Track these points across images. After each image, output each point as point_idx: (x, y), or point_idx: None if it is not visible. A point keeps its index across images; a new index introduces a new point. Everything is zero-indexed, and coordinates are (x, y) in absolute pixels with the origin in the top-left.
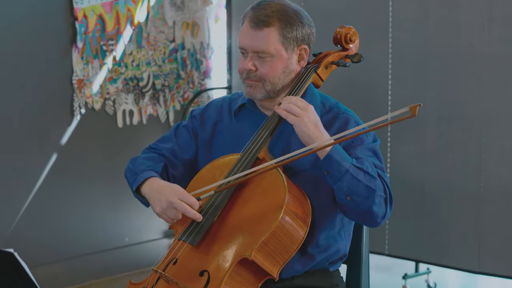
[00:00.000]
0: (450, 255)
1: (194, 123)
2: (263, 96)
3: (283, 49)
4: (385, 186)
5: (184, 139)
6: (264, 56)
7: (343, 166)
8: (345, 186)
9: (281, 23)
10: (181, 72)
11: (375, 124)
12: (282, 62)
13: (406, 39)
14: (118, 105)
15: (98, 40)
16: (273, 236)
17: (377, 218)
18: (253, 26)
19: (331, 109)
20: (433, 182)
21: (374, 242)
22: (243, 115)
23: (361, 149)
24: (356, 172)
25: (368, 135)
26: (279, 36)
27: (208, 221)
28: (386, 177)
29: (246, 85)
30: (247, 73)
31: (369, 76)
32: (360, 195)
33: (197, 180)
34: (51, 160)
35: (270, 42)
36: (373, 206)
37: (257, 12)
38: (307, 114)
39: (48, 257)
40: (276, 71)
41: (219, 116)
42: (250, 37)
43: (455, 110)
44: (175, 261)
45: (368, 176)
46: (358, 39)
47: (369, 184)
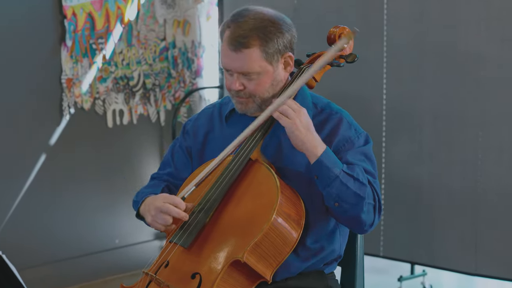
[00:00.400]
0: (446, 256)
1: (187, 139)
2: (255, 110)
3: (268, 64)
4: (374, 194)
5: (181, 161)
6: (251, 75)
7: (333, 172)
8: (334, 192)
9: (261, 41)
10: (172, 71)
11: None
12: (269, 76)
13: (401, 38)
14: (108, 105)
15: (87, 39)
16: (266, 237)
17: (365, 226)
18: (232, 49)
19: (323, 109)
20: (429, 182)
21: (369, 243)
22: (233, 120)
23: (352, 153)
24: (346, 179)
25: (360, 137)
26: (261, 53)
27: (200, 223)
28: (376, 183)
29: (236, 101)
30: (236, 92)
31: (363, 76)
32: (349, 202)
33: (189, 183)
34: (39, 161)
35: (253, 62)
36: (361, 213)
37: (234, 32)
38: (300, 117)
39: (37, 260)
40: (264, 86)
41: (210, 125)
42: (232, 60)
43: (452, 110)
44: (166, 263)
45: (358, 183)
46: (353, 39)
47: (358, 192)
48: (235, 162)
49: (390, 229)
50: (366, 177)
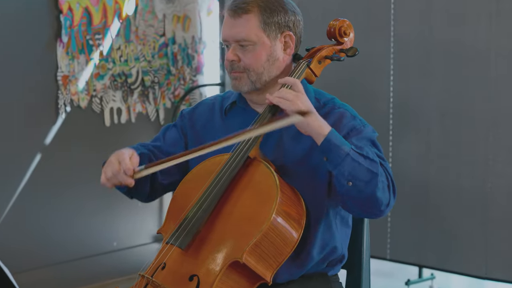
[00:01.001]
0: (455, 259)
1: (184, 121)
2: (249, 87)
3: (265, 36)
4: (386, 173)
5: (172, 137)
6: (246, 45)
7: (343, 149)
8: (346, 170)
9: (261, 9)
10: (171, 68)
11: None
12: (265, 49)
13: (409, 32)
14: (105, 103)
15: (84, 34)
16: (265, 237)
17: (381, 206)
18: (232, 15)
19: (326, 104)
20: (438, 183)
21: (376, 246)
22: (233, 113)
23: (358, 139)
24: (356, 156)
25: (366, 126)
26: (259, 22)
27: (197, 223)
28: (387, 165)
29: (232, 77)
30: (231, 64)
31: (370, 72)
32: (362, 179)
33: (186, 182)
34: (34, 161)
35: (250, 29)
36: (376, 190)
37: (236, 0)
38: (300, 98)
39: (32, 263)
40: (259, 60)
41: (209, 116)
42: (229, 26)
43: (461, 108)
44: (163, 265)
45: (369, 160)
46: (353, 32)
47: (370, 168)
48: (233, 160)
49: (397, 231)
50: (375, 156)
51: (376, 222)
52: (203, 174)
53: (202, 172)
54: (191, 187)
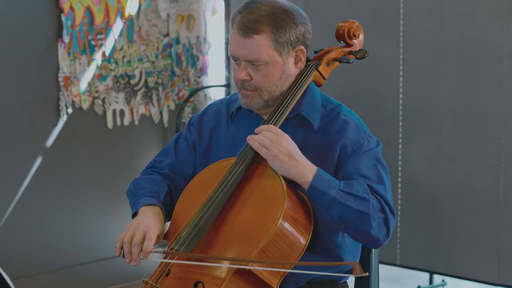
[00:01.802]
0: (467, 265)
1: (193, 132)
2: (261, 106)
3: (277, 55)
4: (382, 204)
5: (184, 152)
6: (258, 64)
7: (329, 195)
8: (335, 215)
9: (272, 28)
10: (175, 68)
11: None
12: (277, 68)
13: (419, 32)
14: (108, 105)
15: (86, 34)
16: (272, 243)
17: (379, 241)
18: (242, 34)
19: (332, 111)
20: (448, 186)
21: (385, 251)
22: (239, 119)
23: (362, 158)
24: (344, 199)
25: (370, 140)
26: (271, 42)
27: (202, 229)
28: (386, 190)
29: (242, 95)
30: (242, 82)
31: (378, 74)
32: (354, 221)
33: (192, 187)
34: (35, 164)
35: (262, 50)
36: (370, 230)
37: (245, 17)
38: (278, 146)
39: (32, 269)
40: (272, 79)
41: (216, 122)
42: (240, 46)
43: (472, 109)
44: (167, 272)
45: (359, 200)
46: (363, 33)
47: (361, 209)
48: (240, 165)
49: (407, 236)
50: (367, 190)
51: None
52: (209, 179)
53: (208, 177)
54: (196, 192)
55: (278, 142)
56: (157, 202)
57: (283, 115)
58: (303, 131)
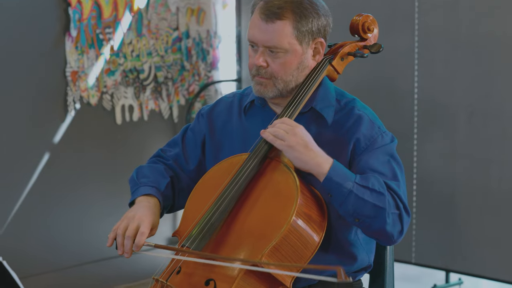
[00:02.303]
0: (484, 263)
1: (202, 124)
2: (275, 94)
3: (297, 44)
4: (397, 201)
5: (190, 145)
6: (277, 51)
7: (345, 187)
8: (350, 209)
9: (295, 15)
10: (185, 63)
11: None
12: (296, 57)
13: (434, 26)
14: (116, 100)
15: (94, 28)
16: (285, 240)
17: (393, 237)
18: (264, 19)
19: (346, 105)
20: (465, 183)
21: (400, 249)
22: (252, 113)
23: (375, 154)
24: (361, 192)
25: (385, 135)
26: (293, 30)
27: (214, 225)
28: (400, 187)
29: (256, 82)
30: (257, 69)
31: (393, 68)
32: (369, 216)
33: (203, 183)
34: (42, 160)
35: (283, 36)
36: (385, 226)
37: (269, 2)
38: (294, 136)
39: (40, 267)
40: (289, 68)
41: (228, 115)
42: (261, 31)
43: (489, 105)
44: (178, 269)
45: (375, 194)
46: (377, 27)
47: (377, 203)
48: (252, 160)
49: (423, 233)
50: (383, 185)
51: None
52: (221, 174)
53: (220, 172)
54: (208, 188)
55: (294, 132)
56: (155, 192)
57: (296, 109)
58: (316, 126)
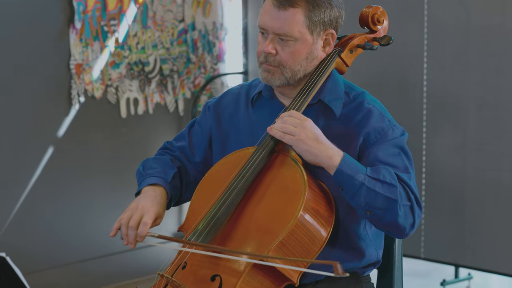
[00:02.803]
0: (494, 258)
1: (208, 117)
2: (282, 83)
3: (308, 33)
4: (408, 193)
5: (197, 138)
6: (287, 40)
7: (357, 179)
8: (362, 201)
9: (308, 4)
10: (191, 55)
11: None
12: (306, 47)
13: (444, 17)
14: (121, 93)
15: (98, 20)
16: (292, 235)
17: (405, 230)
18: (277, 5)
19: (355, 98)
20: (475, 177)
21: (409, 244)
22: (260, 104)
23: (386, 147)
24: (372, 184)
25: (395, 128)
26: (305, 18)
27: (220, 220)
28: (412, 180)
29: (263, 69)
30: (266, 56)
31: (402, 60)
32: (381, 208)
33: (210, 177)
34: (46, 154)
35: (294, 24)
36: (397, 218)
37: None
38: (303, 130)
39: (44, 263)
40: (298, 57)
41: (235, 107)
42: (272, 17)
43: (500, 97)
44: (184, 265)
45: (386, 186)
46: (387, 19)
47: (388, 195)
48: (259, 154)
49: (432, 228)
50: (395, 177)
51: None
52: (227, 168)
53: (226, 166)
54: (214, 182)
55: (303, 125)
56: (162, 182)
57: (305, 102)
58: (324, 118)
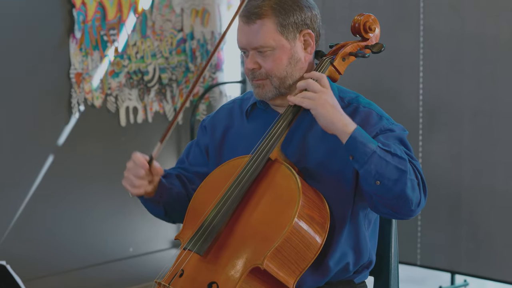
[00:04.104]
0: (490, 265)
1: (205, 135)
2: (274, 94)
3: (283, 38)
4: (415, 171)
5: (196, 157)
6: (265, 50)
7: (369, 147)
8: (373, 169)
9: (275, 11)
10: (190, 64)
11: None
12: (285, 52)
13: (440, 26)
14: (120, 102)
15: (98, 30)
16: (287, 242)
17: (412, 205)
18: (246, 22)
19: (351, 103)
20: (471, 185)
21: (405, 251)
22: (254, 116)
23: (386, 137)
24: (383, 154)
25: (395, 125)
26: (275, 26)
27: (216, 228)
28: (417, 163)
29: (254, 86)
30: (252, 72)
31: (398, 68)
32: (390, 177)
33: (205, 186)
34: (46, 162)
35: (267, 34)
36: (406, 189)
37: (248, 4)
38: (323, 95)
39: (44, 270)
40: (281, 64)
41: (229, 121)
42: (245, 34)
43: (495, 105)
44: (181, 272)
45: (397, 158)
46: (379, 27)
47: (398, 165)
48: (253, 162)
49: (428, 235)
50: (404, 152)
51: (405, 225)
52: (222, 177)
53: (222, 175)
54: (209, 190)
55: (323, 92)
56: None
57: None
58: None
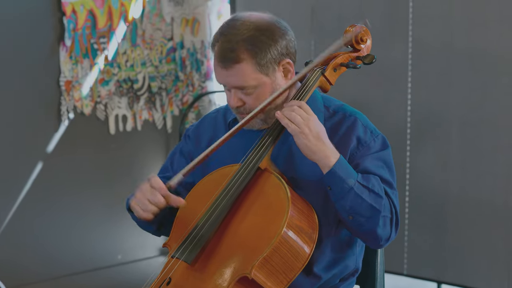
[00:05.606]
0: (476, 275)
1: (188, 143)
2: (260, 125)
3: (263, 76)
4: (391, 206)
5: (181, 166)
6: (246, 89)
7: (347, 183)
8: (347, 205)
9: (251, 53)
10: (179, 73)
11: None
12: (267, 87)
13: (428, 37)
14: (110, 110)
15: (88, 38)
16: (275, 252)
17: (380, 241)
18: (222, 66)
19: (336, 112)
20: (457, 195)
21: (391, 260)
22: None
23: (369, 159)
24: (360, 190)
25: (376, 140)
26: (253, 66)
27: (204, 236)
28: (395, 194)
29: (240, 118)
30: (236, 108)
31: (386, 79)
32: (364, 215)
33: (194, 194)
34: (35, 170)
35: (246, 76)
36: (376, 228)
37: (222, 46)
38: (308, 124)
39: (31, 277)
40: (264, 99)
41: (213, 131)
42: (224, 76)
43: (482, 116)
44: (168, 280)
45: (373, 195)
46: (371, 38)
47: (373, 204)
48: (243, 171)
49: (415, 245)
50: (382, 187)
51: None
52: (211, 186)
53: (210, 183)
54: (198, 199)
55: (310, 120)
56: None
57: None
58: None
